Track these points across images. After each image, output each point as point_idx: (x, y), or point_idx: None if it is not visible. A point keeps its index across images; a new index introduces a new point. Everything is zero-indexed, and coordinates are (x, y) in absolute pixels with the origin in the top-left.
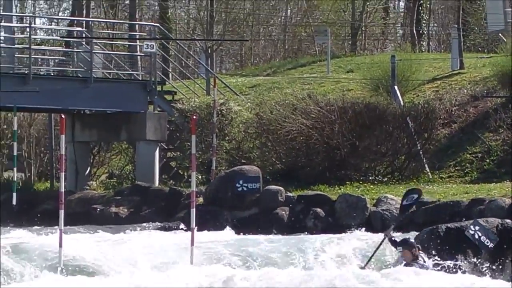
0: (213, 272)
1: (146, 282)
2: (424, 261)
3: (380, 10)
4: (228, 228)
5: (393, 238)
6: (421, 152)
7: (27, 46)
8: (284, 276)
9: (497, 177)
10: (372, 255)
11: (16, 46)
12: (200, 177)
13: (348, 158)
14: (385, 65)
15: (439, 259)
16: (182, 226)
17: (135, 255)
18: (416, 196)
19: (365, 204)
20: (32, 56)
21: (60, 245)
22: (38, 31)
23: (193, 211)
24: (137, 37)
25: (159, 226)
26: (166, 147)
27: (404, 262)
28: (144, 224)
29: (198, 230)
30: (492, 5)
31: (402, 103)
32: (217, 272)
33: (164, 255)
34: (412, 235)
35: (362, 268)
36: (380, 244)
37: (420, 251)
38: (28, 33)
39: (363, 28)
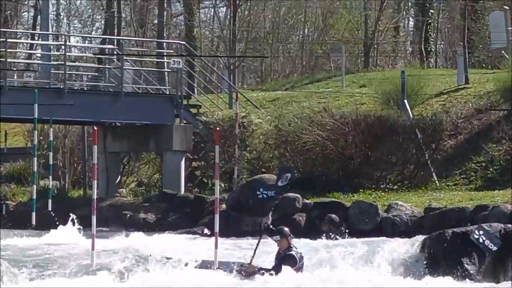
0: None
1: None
2: (296, 248)
3: (391, 29)
4: None
5: (270, 227)
6: (429, 162)
7: (63, 62)
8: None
9: (500, 185)
10: (256, 248)
11: (52, 62)
12: (223, 185)
13: (361, 167)
14: (395, 80)
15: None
16: (206, 231)
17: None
18: (289, 175)
19: (377, 210)
20: (67, 72)
21: (93, 248)
22: (72, 48)
23: (217, 217)
24: (165, 54)
25: (184, 231)
26: (192, 157)
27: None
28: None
29: (221, 235)
30: (495, 24)
31: (411, 116)
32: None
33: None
34: (420, 239)
35: (249, 263)
36: (261, 236)
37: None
38: (63, 50)
39: (375, 46)
